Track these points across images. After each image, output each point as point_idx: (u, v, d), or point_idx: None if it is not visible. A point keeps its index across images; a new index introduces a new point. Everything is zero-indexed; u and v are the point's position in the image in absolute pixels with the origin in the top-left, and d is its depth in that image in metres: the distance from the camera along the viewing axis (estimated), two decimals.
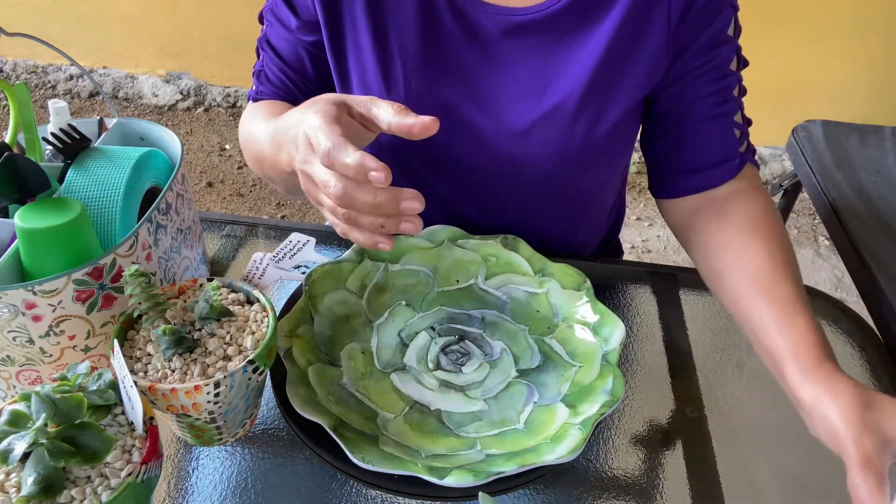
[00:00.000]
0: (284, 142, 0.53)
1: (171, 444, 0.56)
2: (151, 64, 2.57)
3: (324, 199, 0.49)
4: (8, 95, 0.60)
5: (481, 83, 0.68)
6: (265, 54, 0.74)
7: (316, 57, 0.72)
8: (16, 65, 2.68)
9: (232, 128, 2.47)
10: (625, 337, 0.61)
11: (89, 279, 0.50)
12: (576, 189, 0.76)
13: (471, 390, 0.61)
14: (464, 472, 0.50)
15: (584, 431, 0.53)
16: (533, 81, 0.67)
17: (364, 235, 0.49)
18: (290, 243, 0.64)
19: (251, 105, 0.74)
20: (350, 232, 0.50)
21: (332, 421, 0.53)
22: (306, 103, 0.53)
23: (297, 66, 0.73)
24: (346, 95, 0.52)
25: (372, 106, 0.50)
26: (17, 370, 0.52)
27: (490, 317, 0.67)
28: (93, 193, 0.57)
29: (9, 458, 0.39)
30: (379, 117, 0.49)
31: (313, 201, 0.52)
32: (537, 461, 0.51)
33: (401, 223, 0.48)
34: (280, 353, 0.57)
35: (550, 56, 0.66)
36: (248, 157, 0.70)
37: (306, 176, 0.50)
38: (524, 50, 0.66)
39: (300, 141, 0.49)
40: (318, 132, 0.47)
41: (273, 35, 0.73)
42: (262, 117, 0.66)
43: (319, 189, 0.49)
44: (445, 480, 0.49)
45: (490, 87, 0.68)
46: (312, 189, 0.50)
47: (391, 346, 0.64)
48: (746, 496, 0.56)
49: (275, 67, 0.73)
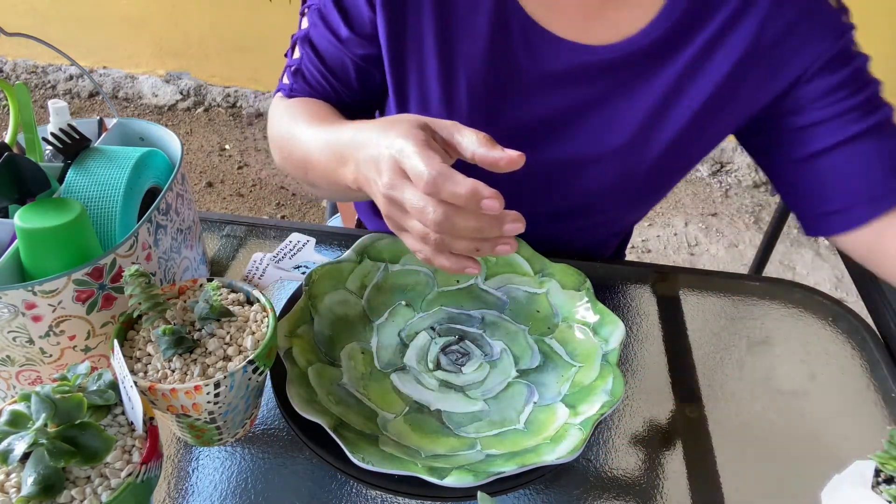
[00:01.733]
0: (355, 159, 0.52)
1: (171, 444, 0.56)
2: (151, 64, 2.57)
3: (412, 225, 0.48)
4: (8, 95, 0.60)
5: (546, 115, 0.66)
6: (304, 53, 0.70)
7: (363, 70, 0.69)
8: (16, 65, 2.68)
9: (232, 128, 2.47)
10: (625, 337, 0.61)
11: (89, 279, 0.50)
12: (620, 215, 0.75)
13: (471, 390, 0.61)
14: (464, 473, 0.50)
15: (584, 432, 0.53)
16: (603, 118, 0.65)
17: (452, 260, 0.48)
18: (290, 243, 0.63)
19: (287, 102, 0.71)
20: (436, 258, 0.48)
21: (332, 421, 0.53)
22: (383, 123, 0.50)
23: (342, 74, 0.70)
24: (428, 119, 0.50)
25: (455, 132, 0.48)
26: (17, 370, 0.52)
27: (490, 317, 0.67)
28: (93, 193, 0.57)
29: (9, 458, 0.39)
30: (462, 145, 0.48)
31: (393, 227, 0.50)
32: (537, 461, 0.51)
33: (497, 245, 0.47)
34: (280, 353, 0.57)
35: (622, 94, 0.64)
36: (286, 158, 0.67)
37: (393, 201, 0.48)
38: (599, 87, 0.64)
39: (384, 165, 0.47)
40: (412, 158, 0.45)
41: (317, 36, 0.69)
42: (306, 120, 0.64)
43: (409, 215, 0.47)
44: (445, 481, 0.49)
45: (555, 120, 0.66)
46: (398, 215, 0.48)
47: (391, 346, 0.64)
48: (746, 496, 0.56)
49: (314, 70, 0.70)
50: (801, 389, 0.65)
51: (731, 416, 0.62)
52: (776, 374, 0.67)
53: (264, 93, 2.55)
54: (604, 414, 0.54)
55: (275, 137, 0.70)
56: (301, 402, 0.53)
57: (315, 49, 0.69)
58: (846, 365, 0.68)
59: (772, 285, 0.78)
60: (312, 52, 0.70)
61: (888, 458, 0.44)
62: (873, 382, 0.66)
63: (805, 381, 0.66)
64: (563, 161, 0.68)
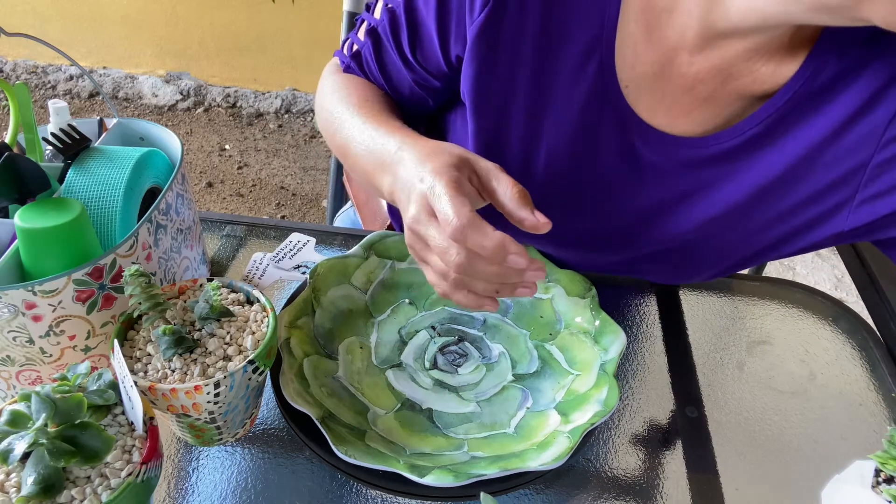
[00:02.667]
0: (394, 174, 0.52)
1: (171, 444, 0.56)
2: (151, 64, 2.57)
3: (433, 261, 0.48)
4: (8, 95, 0.60)
5: (635, 208, 0.62)
6: (367, 44, 0.65)
7: (418, 93, 0.66)
8: (16, 65, 2.68)
9: (232, 128, 2.47)
10: (625, 347, 0.60)
11: (89, 279, 0.50)
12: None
13: (464, 391, 0.60)
14: (444, 472, 0.49)
15: (572, 440, 0.52)
16: (691, 205, 0.60)
17: (470, 298, 0.48)
18: (290, 243, 0.64)
19: (341, 77, 0.67)
20: (454, 294, 0.48)
21: (321, 412, 0.53)
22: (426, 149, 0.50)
23: (396, 84, 0.67)
24: (472, 155, 0.50)
25: (493, 178, 0.48)
26: (17, 370, 0.52)
27: (492, 319, 0.67)
28: (93, 193, 0.57)
29: (9, 458, 0.39)
30: (497, 192, 0.48)
31: (416, 256, 0.51)
32: (521, 466, 0.51)
33: (518, 288, 0.47)
34: (278, 343, 0.57)
35: (717, 186, 0.59)
36: (328, 135, 0.65)
37: (418, 236, 0.48)
38: (701, 178, 0.59)
39: (416, 200, 0.47)
40: (441, 201, 0.45)
41: (383, 37, 0.64)
42: (356, 105, 0.62)
43: (431, 251, 0.47)
44: (425, 479, 0.49)
45: (645, 209, 0.62)
46: (420, 247, 0.49)
47: (390, 343, 0.64)
48: (746, 496, 0.56)
49: (372, 64, 0.66)
50: (800, 389, 0.65)
51: (731, 416, 0.62)
52: (776, 374, 0.67)
53: (264, 93, 2.55)
54: (594, 424, 0.53)
55: (322, 108, 0.67)
56: (292, 393, 0.53)
57: (378, 48, 0.65)
58: (846, 365, 0.68)
59: (772, 285, 0.78)
60: (374, 49, 0.65)
61: (888, 458, 0.44)
62: (873, 382, 0.66)
63: (805, 381, 0.66)
64: (638, 243, 0.64)
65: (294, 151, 2.38)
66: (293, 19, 2.33)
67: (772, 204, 0.58)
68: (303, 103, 2.54)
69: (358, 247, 0.68)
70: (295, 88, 2.54)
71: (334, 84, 0.68)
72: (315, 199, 2.19)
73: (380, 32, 0.64)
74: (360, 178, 0.62)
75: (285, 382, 0.54)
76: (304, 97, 2.54)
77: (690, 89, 0.54)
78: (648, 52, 0.54)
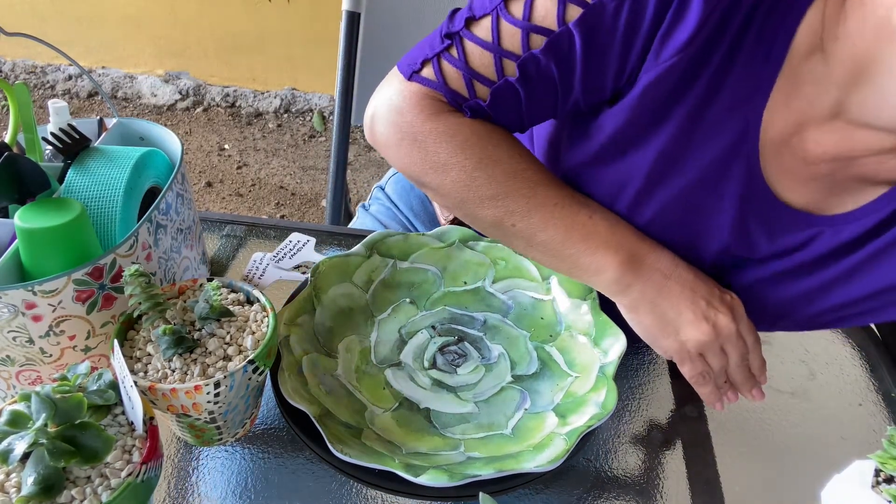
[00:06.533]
0: (649, 266, 0.56)
1: (171, 444, 0.56)
2: (150, 64, 2.57)
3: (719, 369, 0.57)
4: (8, 95, 0.60)
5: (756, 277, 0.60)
6: (521, 81, 0.52)
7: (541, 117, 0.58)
8: (15, 65, 2.68)
9: (231, 128, 2.47)
10: (625, 350, 0.59)
11: (89, 279, 0.50)
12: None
13: (463, 392, 0.60)
14: (439, 472, 0.49)
15: (569, 442, 0.52)
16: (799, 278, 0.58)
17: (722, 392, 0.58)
18: (290, 243, 0.64)
19: (479, 126, 0.55)
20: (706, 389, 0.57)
21: (318, 410, 0.53)
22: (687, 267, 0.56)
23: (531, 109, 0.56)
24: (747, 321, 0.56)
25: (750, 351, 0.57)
26: (17, 370, 0.52)
27: (493, 320, 0.67)
28: (93, 193, 0.56)
29: (9, 458, 0.39)
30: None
31: (703, 374, 0.57)
32: (516, 468, 0.50)
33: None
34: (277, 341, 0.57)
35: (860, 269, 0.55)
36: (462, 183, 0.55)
37: (717, 327, 0.54)
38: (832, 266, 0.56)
39: (724, 299, 0.55)
40: (752, 351, 0.56)
41: (541, 81, 0.52)
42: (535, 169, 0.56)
43: (719, 338, 0.55)
44: (420, 478, 0.49)
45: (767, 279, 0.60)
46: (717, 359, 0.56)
47: (390, 342, 0.64)
48: (746, 496, 0.56)
49: (524, 115, 0.55)
50: (800, 389, 0.65)
51: (731, 416, 0.62)
52: (776, 374, 0.67)
53: (263, 92, 2.55)
54: (591, 426, 0.53)
55: (473, 157, 0.54)
56: (290, 390, 0.53)
57: (528, 79, 0.52)
58: (846, 365, 0.68)
59: None
60: (525, 81, 0.52)
61: (888, 458, 0.44)
62: (873, 382, 0.66)
63: (805, 381, 0.66)
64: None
65: (293, 151, 2.37)
66: (292, 19, 2.33)
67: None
68: (302, 103, 2.54)
69: (360, 245, 0.68)
70: (294, 88, 2.54)
71: (496, 139, 0.55)
72: (314, 198, 2.19)
73: (537, 86, 0.53)
74: (520, 244, 0.58)
75: (283, 380, 0.54)
76: (304, 97, 2.54)
77: (812, 164, 0.52)
78: (782, 118, 0.51)
